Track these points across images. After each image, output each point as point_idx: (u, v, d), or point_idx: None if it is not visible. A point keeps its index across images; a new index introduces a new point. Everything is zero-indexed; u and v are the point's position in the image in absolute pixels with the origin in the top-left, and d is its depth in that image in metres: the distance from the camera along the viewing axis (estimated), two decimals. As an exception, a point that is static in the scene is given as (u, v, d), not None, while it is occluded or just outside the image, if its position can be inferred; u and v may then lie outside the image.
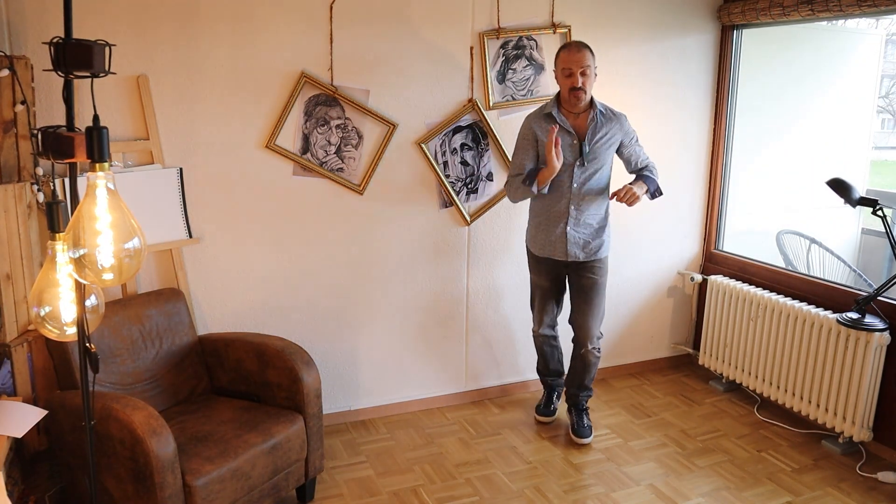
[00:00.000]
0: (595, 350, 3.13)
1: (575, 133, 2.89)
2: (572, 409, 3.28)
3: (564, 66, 2.81)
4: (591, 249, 2.99)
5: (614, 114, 2.97)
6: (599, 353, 3.16)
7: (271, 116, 2.94)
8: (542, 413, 3.38)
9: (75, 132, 1.46)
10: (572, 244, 2.96)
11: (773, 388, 3.44)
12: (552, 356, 3.33)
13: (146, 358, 2.62)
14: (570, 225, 2.95)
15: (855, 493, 2.81)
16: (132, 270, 1.50)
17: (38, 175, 2.45)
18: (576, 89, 2.80)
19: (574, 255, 2.98)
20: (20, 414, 2.14)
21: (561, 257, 2.99)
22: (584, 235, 2.97)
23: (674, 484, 2.86)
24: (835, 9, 3.06)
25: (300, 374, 2.54)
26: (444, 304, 3.44)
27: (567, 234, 2.95)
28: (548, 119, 2.90)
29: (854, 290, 3.18)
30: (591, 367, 3.17)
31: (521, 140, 2.98)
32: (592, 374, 3.20)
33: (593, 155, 2.90)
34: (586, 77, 2.80)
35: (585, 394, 3.25)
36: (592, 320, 3.08)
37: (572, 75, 2.79)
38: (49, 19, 2.53)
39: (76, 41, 1.42)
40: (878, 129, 8.67)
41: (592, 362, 3.15)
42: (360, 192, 3.15)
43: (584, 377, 3.19)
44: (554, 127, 2.78)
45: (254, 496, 2.35)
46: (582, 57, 2.79)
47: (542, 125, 2.90)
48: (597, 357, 3.15)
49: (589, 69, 2.80)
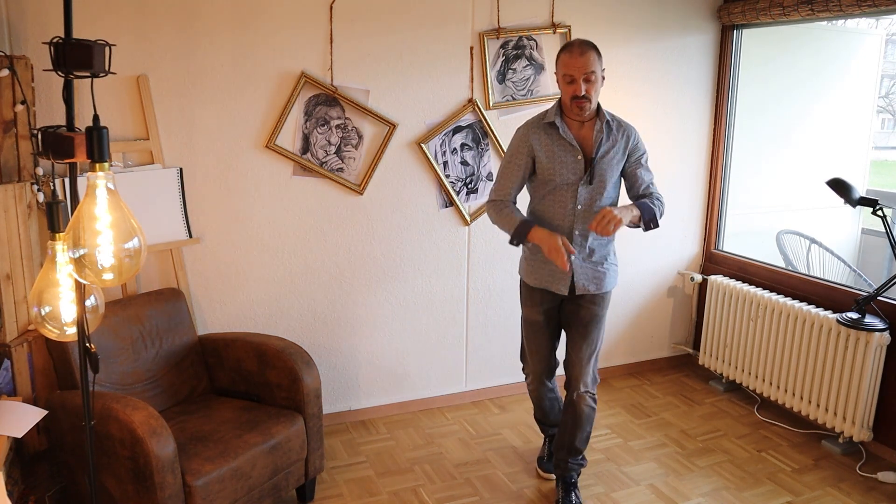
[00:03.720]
0: (589, 396, 2.60)
1: (580, 147, 2.46)
2: (559, 483, 2.71)
3: (566, 71, 2.38)
4: (600, 280, 2.54)
5: (623, 125, 2.53)
6: (595, 404, 2.63)
7: (271, 116, 2.94)
8: (546, 468, 2.93)
9: (75, 132, 1.46)
10: (581, 276, 2.51)
11: (773, 388, 3.44)
12: (552, 408, 2.86)
13: (146, 358, 2.62)
14: (576, 254, 2.50)
15: (855, 493, 2.81)
16: (132, 270, 1.50)
17: (38, 175, 2.45)
18: (578, 98, 2.37)
19: (584, 289, 2.53)
20: (20, 414, 2.14)
21: (564, 291, 2.54)
22: (592, 265, 2.53)
23: (674, 484, 2.86)
24: (835, 9, 3.06)
25: (300, 374, 2.54)
26: (444, 305, 3.44)
27: (574, 264, 2.50)
28: (549, 129, 2.48)
29: (854, 290, 3.18)
30: (584, 420, 2.60)
31: (513, 155, 2.55)
32: (587, 431, 2.64)
33: (600, 172, 2.47)
34: (591, 84, 2.37)
35: (576, 462, 2.68)
36: (588, 358, 2.59)
37: (574, 82, 2.36)
38: (49, 19, 2.53)
39: (76, 41, 1.42)
40: (878, 129, 8.67)
41: (587, 413, 2.60)
42: (360, 192, 3.15)
43: (576, 435, 2.62)
44: (566, 259, 2.34)
45: (254, 496, 2.35)
46: (586, 61, 2.34)
47: (541, 137, 2.49)
48: (591, 407, 2.61)
49: (594, 74, 2.37)
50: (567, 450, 2.66)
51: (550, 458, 2.92)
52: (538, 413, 2.91)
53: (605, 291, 2.58)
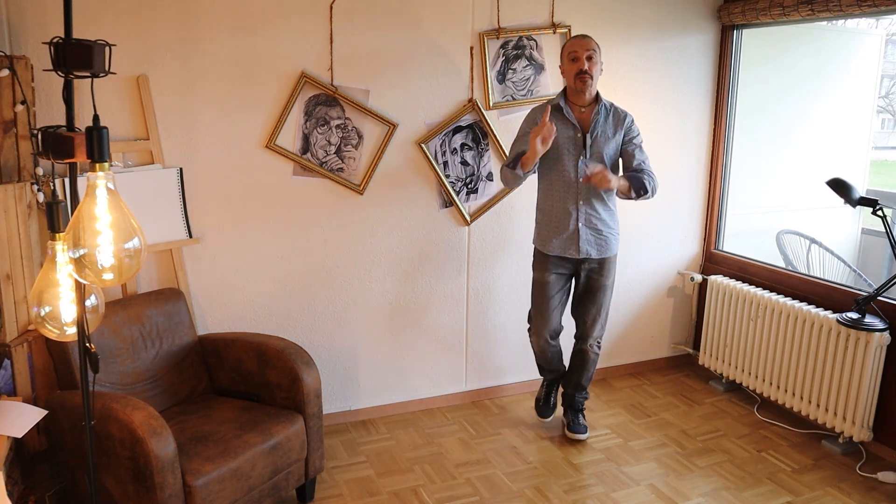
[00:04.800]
0: (595, 346, 3.12)
1: (579, 126, 2.85)
2: (568, 410, 3.25)
3: (570, 50, 2.78)
4: (602, 246, 2.93)
5: (620, 110, 2.93)
6: (599, 350, 3.14)
7: (271, 116, 2.94)
8: (542, 412, 3.33)
9: (75, 132, 1.46)
10: (584, 241, 2.90)
11: (773, 388, 3.44)
12: (553, 357, 3.20)
13: (146, 358, 2.62)
14: (581, 221, 2.88)
15: (855, 493, 2.81)
16: (132, 270, 1.50)
17: (38, 175, 2.45)
18: (582, 73, 2.75)
19: (586, 252, 2.91)
20: (20, 414, 2.14)
21: (573, 255, 2.92)
22: (594, 232, 2.91)
23: (674, 484, 2.86)
24: (835, 9, 3.06)
25: (300, 374, 2.54)
26: (445, 304, 3.44)
27: (579, 230, 2.89)
28: (554, 110, 2.85)
29: (854, 290, 3.18)
30: (589, 364, 3.14)
31: (524, 130, 2.93)
32: (590, 372, 3.18)
33: (596, 148, 2.85)
34: (592, 62, 2.76)
35: (581, 395, 3.23)
36: (598, 319, 3.06)
37: (578, 59, 2.76)
38: (49, 19, 2.53)
39: (76, 41, 1.42)
40: (878, 129, 8.67)
41: (591, 359, 3.13)
42: (360, 192, 3.15)
43: (582, 375, 3.16)
44: (546, 115, 2.70)
45: (254, 496, 2.35)
46: (588, 43, 2.76)
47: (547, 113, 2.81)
48: (596, 354, 3.14)
49: (595, 55, 2.77)
50: (575, 386, 3.19)
51: (547, 402, 3.33)
52: (540, 361, 3.25)
53: (605, 257, 2.95)
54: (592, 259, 2.96)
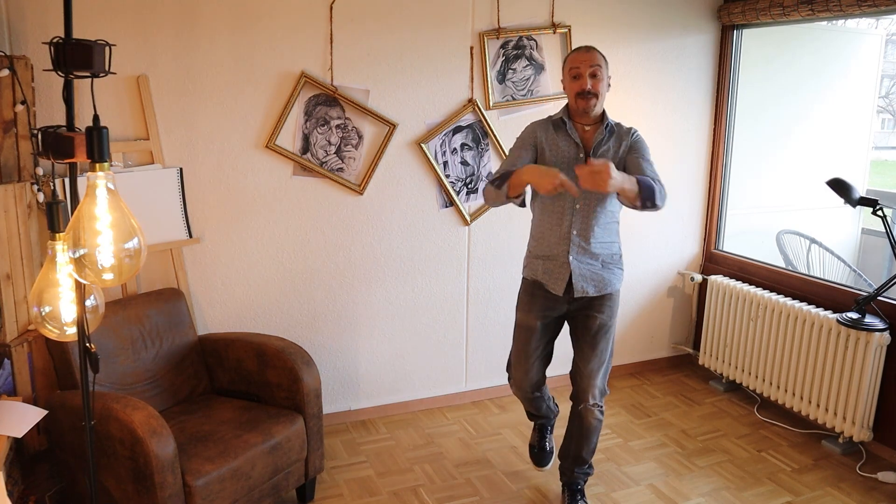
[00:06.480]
0: (597, 409, 2.53)
1: (581, 146, 2.43)
2: (565, 489, 2.67)
3: (572, 65, 2.37)
4: (600, 282, 2.46)
5: (626, 128, 2.48)
6: (602, 416, 2.56)
7: (271, 116, 2.94)
8: (538, 460, 2.89)
9: (75, 132, 1.46)
10: (579, 277, 2.43)
11: (773, 388, 3.44)
12: (541, 407, 2.78)
13: (146, 358, 2.62)
14: (573, 254, 2.42)
15: (855, 493, 2.81)
16: (132, 270, 1.50)
17: (38, 175, 2.45)
18: (584, 94, 2.33)
19: (582, 291, 2.44)
20: (20, 414, 2.14)
21: (559, 291, 2.45)
22: (592, 267, 2.44)
23: (674, 484, 2.86)
24: (835, 9, 3.06)
25: (300, 374, 2.54)
26: (444, 304, 3.44)
27: (571, 263, 2.42)
28: (557, 126, 2.45)
29: (854, 290, 3.18)
30: (590, 432, 2.56)
31: (519, 144, 2.51)
32: (593, 443, 2.59)
33: None
34: (597, 80, 2.34)
35: (582, 472, 2.65)
36: (597, 369, 2.50)
37: (580, 77, 2.34)
38: (49, 19, 2.53)
39: (76, 41, 1.42)
40: (878, 129, 8.67)
41: (594, 426, 2.54)
42: (360, 192, 3.15)
43: (582, 447, 2.57)
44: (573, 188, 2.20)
45: (254, 496, 2.35)
46: (591, 56, 2.35)
47: (548, 131, 2.46)
48: (598, 420, 2.55)
49: (600, 70, 2.35)
50: (573, 459, 2.62)
51: (542, 450, 2.89)
52: (526, 407, 2.82)
53: (605, 294, 2.48)
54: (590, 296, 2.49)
